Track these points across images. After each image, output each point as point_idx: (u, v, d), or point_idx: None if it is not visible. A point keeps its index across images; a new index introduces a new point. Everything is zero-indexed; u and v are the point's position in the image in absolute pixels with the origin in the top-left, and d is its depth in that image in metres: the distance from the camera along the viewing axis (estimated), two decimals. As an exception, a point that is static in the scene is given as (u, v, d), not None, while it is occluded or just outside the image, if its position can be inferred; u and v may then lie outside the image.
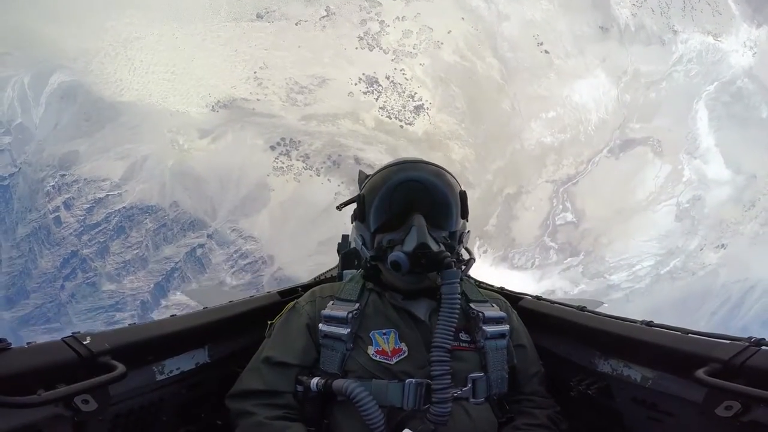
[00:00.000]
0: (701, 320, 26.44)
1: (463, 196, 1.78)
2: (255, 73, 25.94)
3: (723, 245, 26.49)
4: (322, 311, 1.72)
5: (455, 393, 1.56)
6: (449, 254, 1.59)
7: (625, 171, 26.95)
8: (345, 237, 3.33)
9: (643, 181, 26.91)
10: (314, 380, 1.58)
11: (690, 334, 1.56)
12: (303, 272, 25.06)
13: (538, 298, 2.41)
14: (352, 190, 26.19)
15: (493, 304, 1.88)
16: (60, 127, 24.71)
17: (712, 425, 1.33)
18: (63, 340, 1.32)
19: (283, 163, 25.55)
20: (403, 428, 1.46)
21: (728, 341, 1.43)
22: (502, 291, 2.54)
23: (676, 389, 1.54)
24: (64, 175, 24.50)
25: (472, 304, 1.79)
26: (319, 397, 1.61)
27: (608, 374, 1.84)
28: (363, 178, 1.94)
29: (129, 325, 1.65)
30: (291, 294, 2.47)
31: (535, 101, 26.92)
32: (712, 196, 26.57)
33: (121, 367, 1.29)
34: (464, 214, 1.79)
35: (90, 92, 24.65)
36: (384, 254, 1.69)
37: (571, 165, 27.11)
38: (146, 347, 1.60)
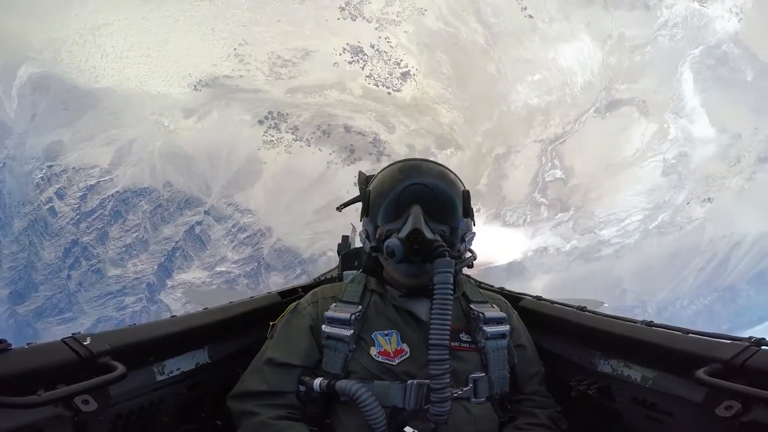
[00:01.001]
0: (690, 277, 27.75)
1: (466, 195, 1.83)
2: (235, 50, 25.90)
3: (709, 199, 27.35)
4: (325, 312, 1.75)
5: (456, 393, 1.60)
6: (444, 244, 1.61)
7: (611, 130, 27.51)
8: (345, 238, 3.31)
9: (629, 139, 27.53)
10: (317, 381, 1.61)
11: (690, 334, 1.59)
12: (301, 242, 26.28)
13: (538, 298, 2.44)
14: (344, 158, 26.87)
15: (494, 305, 1.92)
16: (38, 119, 24.61)
17: (713, 425, 1.35)
18: (63, 340, 1.34)
19: (273, 136, 25.90)
20: (405, 426, 1.51)
21: (728, 341, 1.45)
22: (502, 291, 2.61)
23: (676, 389, 1.56)
24: (51, 166, 24.66)
25: (472, 305, 1.84)
26: (322, 397, 1.65)
27: (608, 374, 1.87)
28: (363, 179, 2.00)
29: (129, 325, 1.67)
30: (291, 294, 2.53)
31: (520, 65, 27.22)
32: (698, 153, 27.26)
33: (121, 368, 1.32)
34: (467, 213, 1.82)
35: (63, 81, 24.52)
36: (382, 243, 1.73)
37: (558, 125, 27.64)
38: (146, 348, 1.62)
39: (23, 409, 1.11)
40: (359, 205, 1.96)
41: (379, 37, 26.70)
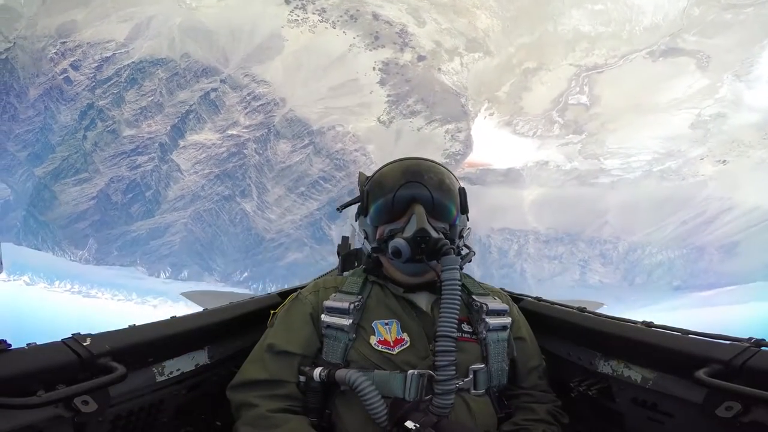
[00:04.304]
0: (669, 226, 29.60)
1: (462, 192, 1.90)
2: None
3: (724, 161, 27.78)
4: (325, 302, 1.80)
5: (458, 384, 1.63)
6: (448, 242, 1.69)
7: (658, 73, 26.81)
8: (345, 239, 3.29)
9: (672, 87, 26.99)
10: (317, 370, 1.66)
11: (690, 335, 1.64)
12: (313, 114, 27.87)
13: (538, 299, 2.48)
14: (368, 43, 27.36)
15: (495, 297, 1.97)
16: (50, 2, 24.29)
17: (713, 426, 1.41)
18: (63, 341, 1.38)
19: (298, 16, 25.57)
20: (406, 419, 1.49)
21: (728, 342, 1.49)
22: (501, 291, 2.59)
23: (676, 390, 1.61)
24: (65, 42, 25.06)
25: (474, 296, 1.89)
26: (322, 387, 1.70)
27: (609, 375, 1.92)
28: (363, 179, 2.04)
29: (129, 326, 1.70)
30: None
31: (583, -10, 25.31)
32: (737, 117, 26.87)
33: (121, 369, 1.36)
34: (463, 210, 1.90)
35: (77, -35, 23.46)
36: (385, 243, 1.79)
37: (601, 56, 26.91)
38: (146, 348, 1.68)
39: (23, 409, 1.16)
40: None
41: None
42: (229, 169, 28.03)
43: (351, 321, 1.73)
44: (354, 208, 2.08)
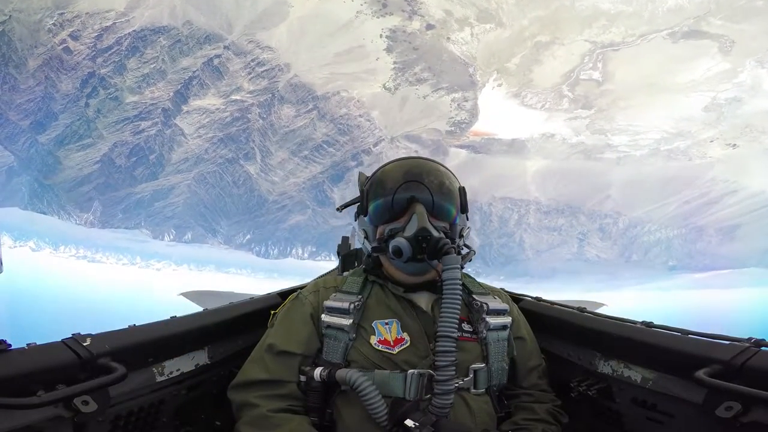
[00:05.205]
0: (672, 205, 30.02)
1: (462, 191, 1.89)
2: None
3: (734, 145, 27.76)
4: (325, 302, 1.80)
5: (457, 383, 1.62)
6: (449, 242, 1.67)
7: (677, 55, 26.27)
8: (345, 239, 3.24)
9: (690, 69, 26.55)
10: (317, 370, 1.66)
11: (690, 335, 1.64)
12: (318, 80, 27.93)
13: (537, 299, 2.48)
14: (375, 10, 26.53)
15: (495, 297, 1.96)
16: None
17: (713, 426, 1.41)
18: (63, 341, 1.38)
19: None
20: (405, 418, 1.50)
21: (728, 342, 1.49)
22: (502, 290, 2.56)
23: (676, 390, 1.61)
24: (62, 13, 24.78)
25: (474, 296, 1.89)
26: (322, 387, 1.69)
27: (608, 375, 1.93)
28: (363, 179, 2.03)
29: (129, 326, 1.70)
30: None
31: (607, -33, 24.24)
32: (754, 102, 26.56)
33: (121, 369, 1.36)
34: (464, 209, 1.88)
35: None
36: (386, 243, 1.77)
37: (619, 34, 26.33)
38: (146, 349, 1.68)
39: (23, 409, 1.16)
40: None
41: None
42: (232, 133, 28.35)
43: (351, 321, 1.72)
44: (353, 208, 2.06)
